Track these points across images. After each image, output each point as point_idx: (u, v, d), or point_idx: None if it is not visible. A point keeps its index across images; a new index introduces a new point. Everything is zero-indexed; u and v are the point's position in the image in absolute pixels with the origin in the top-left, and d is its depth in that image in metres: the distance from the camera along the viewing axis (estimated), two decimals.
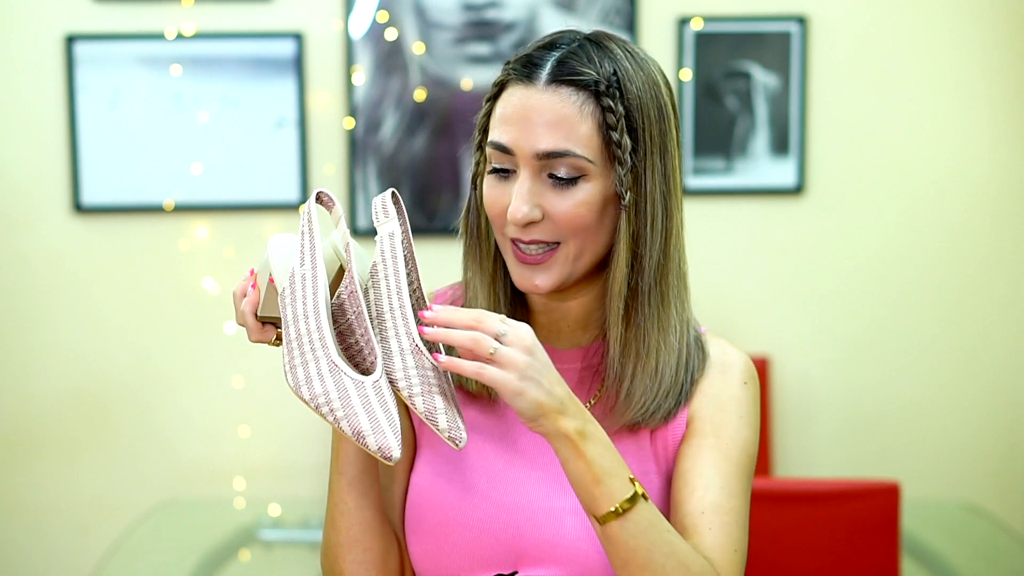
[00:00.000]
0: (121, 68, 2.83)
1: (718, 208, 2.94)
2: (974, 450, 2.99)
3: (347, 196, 2.88)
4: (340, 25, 2.86)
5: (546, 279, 1.20)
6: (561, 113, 1.16)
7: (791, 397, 2.97)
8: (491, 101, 1.23)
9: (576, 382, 1.27)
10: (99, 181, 2.86)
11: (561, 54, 1.19)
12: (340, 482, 1.22)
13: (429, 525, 1.24)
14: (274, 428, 2.91)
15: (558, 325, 1.28)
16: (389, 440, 1.06)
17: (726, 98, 2.90)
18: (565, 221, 1.18)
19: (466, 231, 1.28)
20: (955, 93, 2.92)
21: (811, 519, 1.89)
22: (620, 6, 2.85)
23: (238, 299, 1.21)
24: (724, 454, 1.23)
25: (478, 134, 1.24)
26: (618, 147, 1.17)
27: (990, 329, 2.97)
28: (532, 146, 1.17)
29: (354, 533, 1.22)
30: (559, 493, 1.22)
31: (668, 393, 1.23)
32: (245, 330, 1.21)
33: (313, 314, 1.10)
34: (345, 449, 1.21)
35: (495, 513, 1.22)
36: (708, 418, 1.24)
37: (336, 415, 1.07)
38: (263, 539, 2.56)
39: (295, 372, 1.09)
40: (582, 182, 1.18)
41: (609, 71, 1.18)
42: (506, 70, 1.22)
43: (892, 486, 1.90)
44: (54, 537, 2.93)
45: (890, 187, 2.93)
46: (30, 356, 2.90)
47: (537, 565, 1.21)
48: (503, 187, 1.20)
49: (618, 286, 1.20)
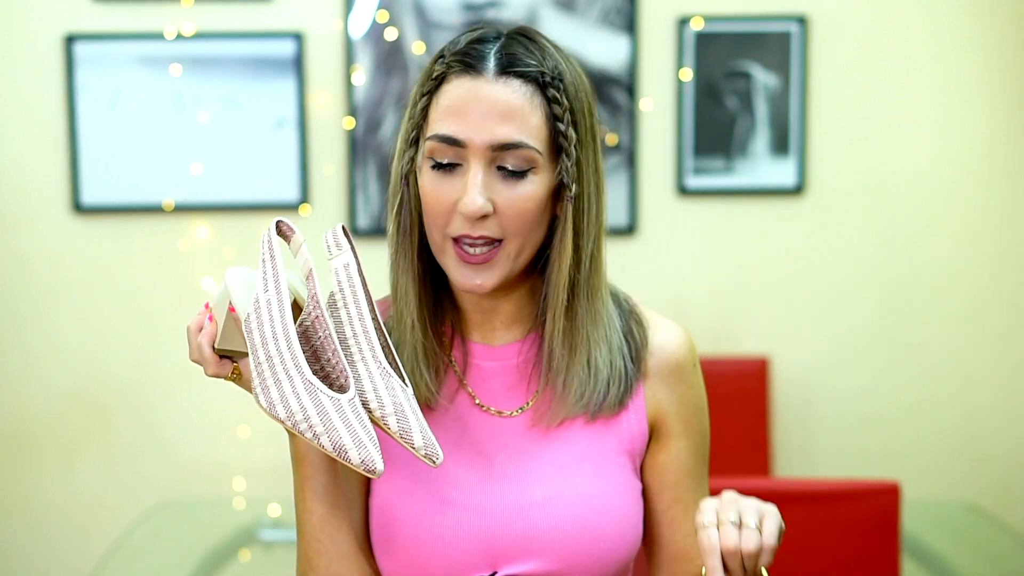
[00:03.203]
0: (121, 68, 2.83)
1: (718, 208, 2.94)
2: (974, 450, 2.99)
3: (347, 196, 2.88)
4: (340, 25, 2.86)
5: (489, 277, 1.19)
6: (513, 104, 1.15)
7: (791, 397, 2.97)
8: (428, 95, 1.19)
9: (516, 377, 1.27)
10: (99, 181, 2.86)
11: (501, 45, 1.18)
12: (311, 520, 1.20)
13: (400, 542, 1.22)
14: (274, 428, 2.88)
15: (492, 323, 1.27)
16: (371, 453, 1.06)
17: (726, 98, 2.90)
18: (513, 214, 1.16)
19: (397, 229, 1.23)
20: (955, 93, 2.92)
21: (811, 519, 1.89)
22: (620, 6, 2.85)
23: (193, 333, 1.18)
24: (697, 453, 1.30)
25: (412, 129, 1.21)
26: (565, 138, 1.17)
27: (990, 329, 2.97)
28: (484, 137, 1.15)
29: (333, 569, 1.21)
30: (524, 487, 1.22)
31: (609, 381, 1.24)
32: (201, 366, 1.19)
33: (283, 335, 1.10)
34: (312, 487, 1.19)
35: (465, 518, 1.21)
36: (673, 419, 1.28)
37: (316, 431, 1.07)
38: (263, 539, 2.56)
39: (268, 392, 1.10)
40: (531, 175, 1.17)
41: (551, 64, 1.18)
42: (443, 63, 1.18)
43: (892, 486, 1.90)
44: (54, 537, 2.93)
45: (890, 187, 2.93)
46: (30, 356, 2.90)
47: (515, 561, 1.21)
48: (448, 182, 1.17)
49: (563, 278, 1.20)
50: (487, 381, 1.27)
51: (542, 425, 1.25)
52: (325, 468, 1.19)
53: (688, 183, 2.91)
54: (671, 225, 2.93)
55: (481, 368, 1.27)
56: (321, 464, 1.19)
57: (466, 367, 1.28)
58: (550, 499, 1.21)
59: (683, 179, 2.91)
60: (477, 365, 1.27)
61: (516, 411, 1.26)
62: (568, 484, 1.22)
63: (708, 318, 2.94)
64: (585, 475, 1.23)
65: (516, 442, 1.25)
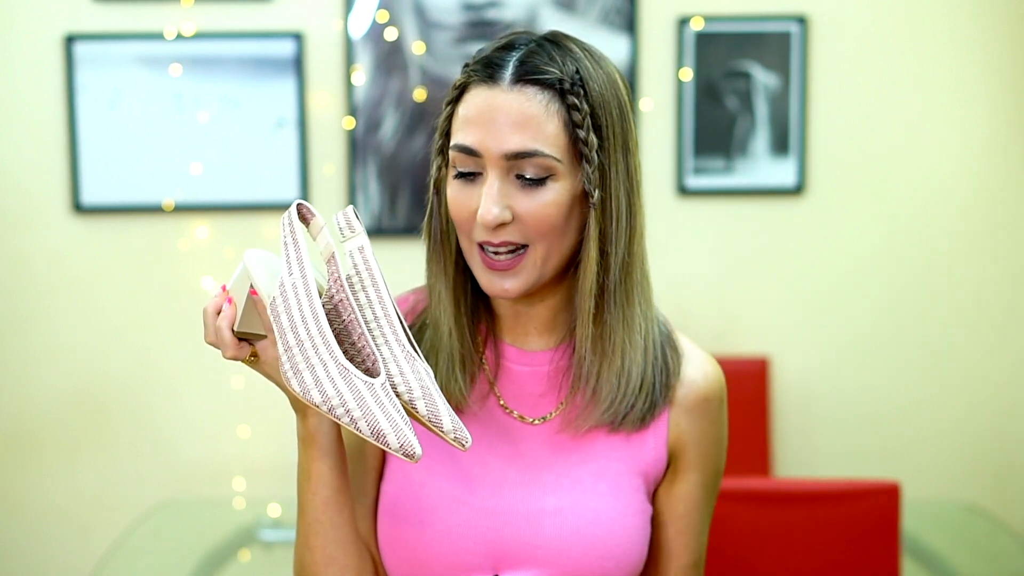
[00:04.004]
0: (121, 68, 2.83)
1: (718, 208, 2.94)
2: (974, 450, 2.99)
3: (347, 196, 2.88)
4: (340, 25, 2.86)
5: (515, 283, 1.19)
6: (527, 112, 1.15)
7: (791, 397, 2.97)
8: (452, 104, 1.20)
9: (546, 386, 1.27)
10: (99, 181, 2.86)
11: (522, 54, 1.18)
12: (314, 501, 1.20)
13: (405, 534, 1.22)
14: (274, 428, 2.91)
15: (525, 328, 1.27)
16: (409, 437, 1.05)
17: (726, 98, 2.90)
18: (534, 222, 1.16)
19: (429, 236, 1.26)
20: (955, 93, 2.92)
21: (811, 519, 1.89)
22: (620, 6, 2.85)
23: (211, 316, 1.17)
24: (708, 487, 1.30)
25: (439, 138, 1.22)
26: (585, 145, 1.16)
27: (990, 329, 2.97)
28: (499, 147, 1.15)
29: (330, 552, 1.21)
30: (537, 494, 1.22)
31: (638, 392, 1.23)
32: (219, 348, 1.18)
33: (312, 319, 1.09)
34: (319, 468, 1.19)
35: (473, 518, 1.21)
36: (692, 451, 1.27)
37: (352, 415, 1.06)
38: (263, 539, 2.56)
39: (300, 377, 1.08)
40: (550, 182, 1.16)
41: (572, 70, 1.17)
42: (466, 72, 1.20)
43: (892, 486, 1.90)
44: (54, 537, 2.93)
45: (890, 187, 2.94)
46: (30, 356, 2.90)
47: (518, 568, 1.21)
48: (469, 191, 1.18)
49: (588, 284, 1.19)
50: (516, 385, 1.27)
51: (567, 432, 1.25)
52: (334, 451, 1.20)
53: (688, 183, 2.91)
54: (671, 225, 2.93)
55: (512, 371, 1.27)
56: (331, 447, 1.19)
57: (497, 369, 1.28)
58: (561, 510, 1.21)
59: (683, 179, 2.91)
60: (508, 368, 1.28)
61: (539, 419, 1.26)
62: (581, 498, 1.22)
63: (708, 318, 2.95)
64: (599, 492, 1.22)
65: (536, 450, 1.25)
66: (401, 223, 2.89)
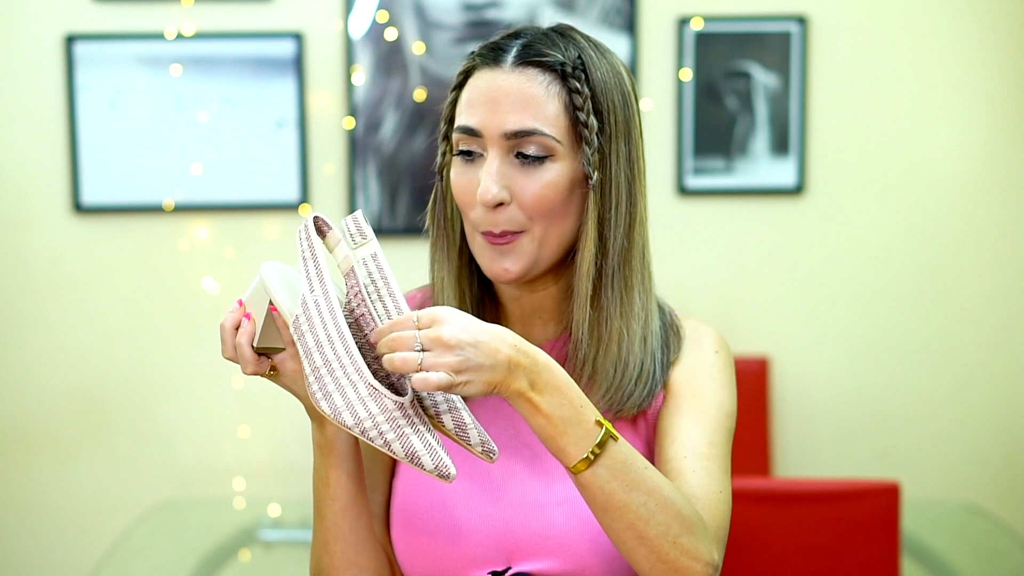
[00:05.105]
0: (121, 68, 2.83)
1: (718, 208, 2.94)
2: (974, 450, 2.99)
3: (347, 196, 2.88)
4: (340, 25, 2.86)
5: (515, 262, 1.19)
6: (528, 93, 1.17)
7: (791, 397, 2.97)
8: (457, 90, 1.22)
9: None
10: (99, 181, 2.86)
11: (526, 39, 1.20)
12: (332, 507, 1.20)
13: (418, 529, 1.23)
14: (274, 428, 2.91)
15: (529, 317, 1.28)
16: (444, 458, 1.05)
17: (726, 98, 2.90)
18: (533, 202, 1.17)
19: (433, 223, 1.27)
20: (955, 93, 2.92)
21: (811, 519, 1.89)
22: (620, 6, 2.85)
23: (229, 331, 1.16)
24: (703, 410, 1.23)
25: (444, 124, 1.24)
26: (585, 127, 1.17)
27: (990, 329, 2.97)
28: (500, 126, 1.17)
29: (349, 555, 1.21)
30: (546, 484, 1.23)
31: (635, 381, 1.23)
32: (238, 363, 1.17)
33: (338, 339, 1.07)
34: (337, 476, 1.19)
35: (485, 511, 1.22)
36: (684, 385, 1.25)
37: (386, 438, 1.05)
38: (263, 539, 2.56)
39: (331, 399, 1.07)
40: (549, 162, 1.18)
41: (574, 55, 1.19)
42: (471, 58, 1.22)
43: (892, 486, 1.90)
44: (54, 537, 2.93)
45: (890, 187, 2.93)
46: (30, 356, 2.90)
47: (530, 559, 1.21)
48: (471, 171, 1.20)
49: (586, 267, 1.20)
50: None
51: None
52: (352, 456, 1.20)
53: (688, 183, 2.91)
54: (671, 225, 2.93)
55: None
56: (349, 454, 1.20)
57: None
58: (570, 499, 1.21)
59: (683, 179, 2.91)
60: None
61: None
62: None
63: (708, 318, 2.93)
64: None
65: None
66: (401, 223, 2.89)
